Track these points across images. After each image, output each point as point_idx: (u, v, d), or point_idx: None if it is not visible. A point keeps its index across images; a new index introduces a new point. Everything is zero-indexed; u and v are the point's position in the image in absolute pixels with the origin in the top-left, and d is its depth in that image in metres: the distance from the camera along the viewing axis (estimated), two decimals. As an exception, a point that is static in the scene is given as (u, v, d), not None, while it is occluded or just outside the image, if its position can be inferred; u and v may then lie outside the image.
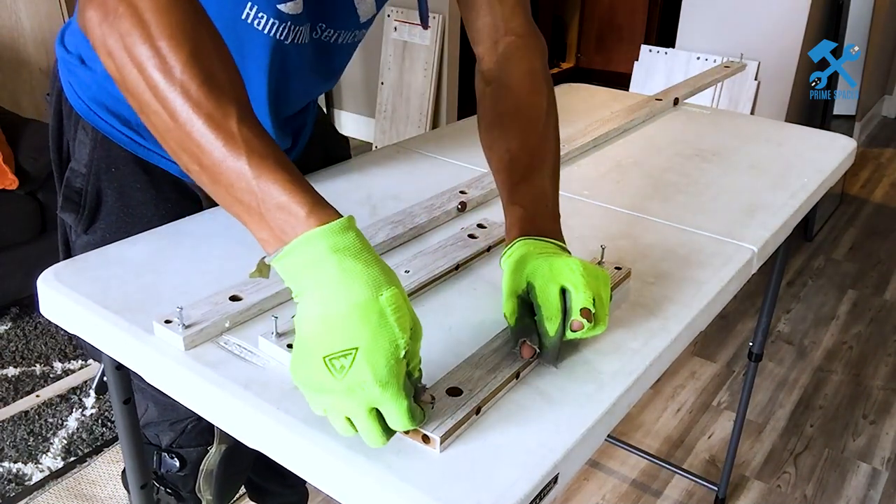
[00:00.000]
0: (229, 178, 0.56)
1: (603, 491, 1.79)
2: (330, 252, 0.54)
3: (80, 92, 0.90)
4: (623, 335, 0.73)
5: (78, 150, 0.92)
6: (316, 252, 0.54)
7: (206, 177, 0.58)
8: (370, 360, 0.52)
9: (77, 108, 0.91)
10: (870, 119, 4.39)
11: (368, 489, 0.55)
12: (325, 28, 0.89)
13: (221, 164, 0.56)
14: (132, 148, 0.91)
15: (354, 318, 0.52)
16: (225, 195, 0.57)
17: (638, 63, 3.16)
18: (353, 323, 0.52)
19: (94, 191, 0.93)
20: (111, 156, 0.91)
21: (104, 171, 0.92)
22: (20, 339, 2.24)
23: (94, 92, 0.89)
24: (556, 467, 0.57)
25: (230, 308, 0.71)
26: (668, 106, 1.45)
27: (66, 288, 0.77)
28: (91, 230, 0.94)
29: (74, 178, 0.93)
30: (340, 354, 0.52)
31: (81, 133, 0.91)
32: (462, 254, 0.84)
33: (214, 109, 0.56)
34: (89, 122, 0.90)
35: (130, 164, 0.92)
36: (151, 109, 0.57)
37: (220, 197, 0.58)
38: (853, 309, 2.62)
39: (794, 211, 1.04)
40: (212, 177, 0.57)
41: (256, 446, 0.63)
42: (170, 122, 0.57)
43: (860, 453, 1.94)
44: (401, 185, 1.06)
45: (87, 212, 0.93)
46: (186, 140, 0.57)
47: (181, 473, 1.10)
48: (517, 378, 0.65)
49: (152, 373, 0.69)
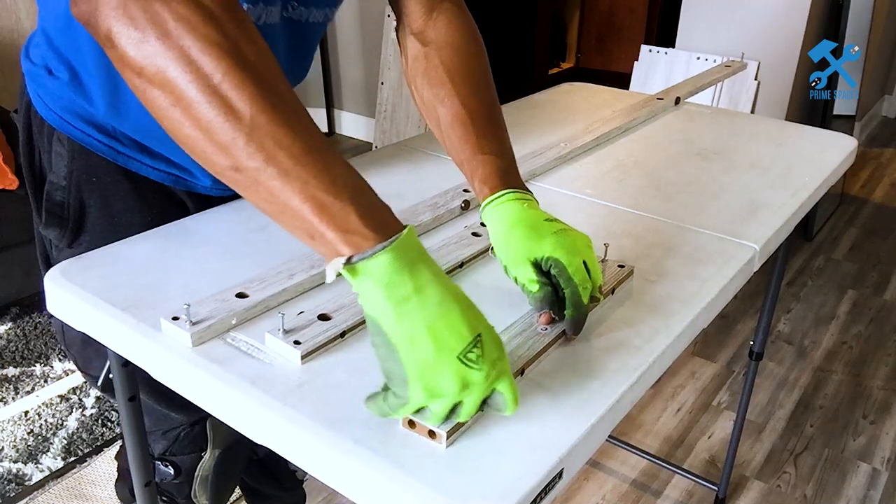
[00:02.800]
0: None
1: (603, 491, 1.79)
2: (420, 254, 0.55)
3: (51, 103, 0.87)
4: (626, 332, 0.73)
5: (55, 163, 0.89)
6: (410, 255, 0.54)
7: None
8: (494, 338, 0.56)
9: (49, 119, 0.88)
10: (870, 119, 4.40)
11: (375, 484, 0.56)
12: (297, 6, 0.86)
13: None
14: (111, 156, 0.89)
15: (467, 310, 0.55)
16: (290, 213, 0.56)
17: (638, 63, 3.16)
18: (469, 314, 0.55)
19: (77, 203, 0.90)
20: (90, 165, 0.89)
21: (85, 181, 0.89)
22: (20, 339, 2.24)
23: (64, 102, 0.86)
24: (560, 462, 0.57)
25: (237, 305, 0.71)
26: (669, 105, 1.45)
27: (74, 285, 0.77)
28: (76, 244, 0.92)
29: (54, 191, 0.90)
30: (472, 346, 0.54)
31: (57, 145, 0.88)
32: (466, 252, 0.85)
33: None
34: (64, 133, 0.87)
35: (111, 172, 0.90)
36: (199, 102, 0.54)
37: (279, 208, 0.56)
38: (853, 309, 2.62)
39: (796, 209, 1.05)
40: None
41: (263, 442, 0.63)
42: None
43: (860, 453, 1.95)
44: (404, 184, 1.06)
45: (71, 224, 0.91)
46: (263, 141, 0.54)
47: (176, 481, 1.09)
48: (521, 374, 0.66)
49: (160, 369, 0.70)
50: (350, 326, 0.70)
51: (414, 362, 0.54)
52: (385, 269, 0.53)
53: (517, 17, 4.75)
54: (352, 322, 0.70)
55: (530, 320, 0.72)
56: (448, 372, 0.54)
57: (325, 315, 0.71)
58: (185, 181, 0.94)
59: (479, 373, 0.54)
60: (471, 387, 0.54)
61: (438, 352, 0.53)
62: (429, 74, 0.85)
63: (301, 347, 0.66)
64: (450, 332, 0.54)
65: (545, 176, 1.11)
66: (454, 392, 0.54)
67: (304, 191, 0.54)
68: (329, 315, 0.71)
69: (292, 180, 0.54)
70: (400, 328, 0.53)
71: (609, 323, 0.75)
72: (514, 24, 4.77)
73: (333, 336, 0.69)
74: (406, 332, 0.53)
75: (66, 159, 0.89)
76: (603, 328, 0.74)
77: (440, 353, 0.53)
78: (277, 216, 0.57)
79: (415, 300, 0.53)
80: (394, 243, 0.53)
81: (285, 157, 0.54)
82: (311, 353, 0.67)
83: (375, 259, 0.53)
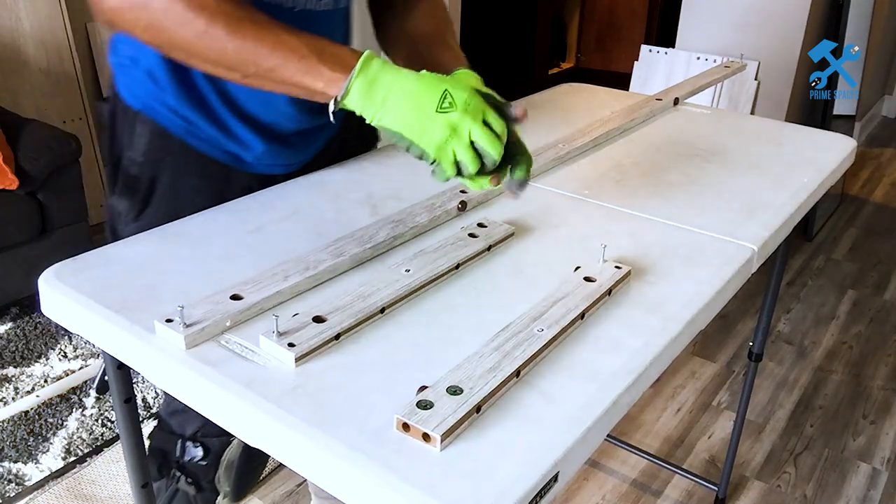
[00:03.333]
0: (284, 53, 0.77)
1: (603, 491, 1.79)
2: (381, 68, 0.77)
3: (135, 90, 0.98)
4: (623, 334, 0.73)
5: (136, 142, 1.00)
6: (376, 64, 0.77)
7: (262, 61, 0.77)
8: (459, 86, 0.76)
9: (133, 105, 0.98)
10: (870, 119, 4.39)
11: (369, 487, 0.55)
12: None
13: (277, 46, 0.77)
14: (187, 138, 0.98)
15: (429, 80, 0.76)
16: (281, 70, 0.78)
17: (638, 63, 3.16)
18: (428, 82, 0.76)
19: (149, 178, 0.99)
20: (165, 146, 0.98)
21: (159, 159, 0.99)
22: (20, 339, 2.24)
23: (146, 88, 0.97)
24: (556, 466, 0.57)
25: (231, 307, 0.71)
26: (668, 106, 1.45)
27: (68, 287, 0.77)
28: (142, 216, 1.00)
29: (131, 166, 1.00)
30: (441, 99, 0.75)
31: (140, 126, 0.99)
32: (462, 253, 0.84)
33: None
34: (147, 116, 0.98)
35: (183, 153, 0.99)
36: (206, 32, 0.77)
37: (275, 74, 0.78)
38: (853, 309, 2.62)
39: (795, 210, 1.04)
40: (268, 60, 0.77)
41: (258, 445, 0.63)
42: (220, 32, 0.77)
43: (860, 453, 1.94)
44: (401, 184, 1.06)
45: (140, 196, 1.00)
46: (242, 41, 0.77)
47: (203, 463, 1.11)
48: (517, 377, 0.65)
49: (153, 372, 0.69)
50: (345, 329, 0.70)
51: (415, 134, 0.76)
52: (358, 93, 0.76)
53: (517, 17, 4.74)
54: (346, 324, 0.70)
55: (526, 322, 0.72)
56: (436, 124, 0.75)
57: (319, 317, 0.71)
58: (248, 163, 1.02)
59: (455, 112, 0.75)
60: (457, 126, 0.75)
61: (420, 116, 0.75)
62: (391, 31, 1.08)
63: (295, 350, 0.66)
64: (422, 100, 0.75)
65: (544, 176, 1.11)
66: (446, 135, 0.75)
67: (290, 70, 0.77)
68: (324, 317, 0.71)
69: (278, 68, 0.77)
70: (394, 120, 0.76)
71: (606, 324, 0.75)
72: (514, 24, 4.76)
73: (328, 338, 0.68)
74: (399, 120, 0.76)
75: (145, 139, 0.98)
76: (600, 329, 0.74)
77: (422, 116, 0.75)
78: (289, 93, 0.81)
79: (390, 99, 0.76)
80: (355, 74, 0.75)
81: (264, 52, 0.77)
82: (306, 355, 0.67)
83: (350, 92, 0.76)
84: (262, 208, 0.96)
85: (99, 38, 2.95)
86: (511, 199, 0.94)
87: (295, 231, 0.90)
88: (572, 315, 0.73)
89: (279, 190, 1.02)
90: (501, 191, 0.85)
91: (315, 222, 0.93)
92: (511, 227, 0.92)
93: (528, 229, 0.94)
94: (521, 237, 0.92)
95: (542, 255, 0.88)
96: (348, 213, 0.96)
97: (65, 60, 2.80)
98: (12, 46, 2.67)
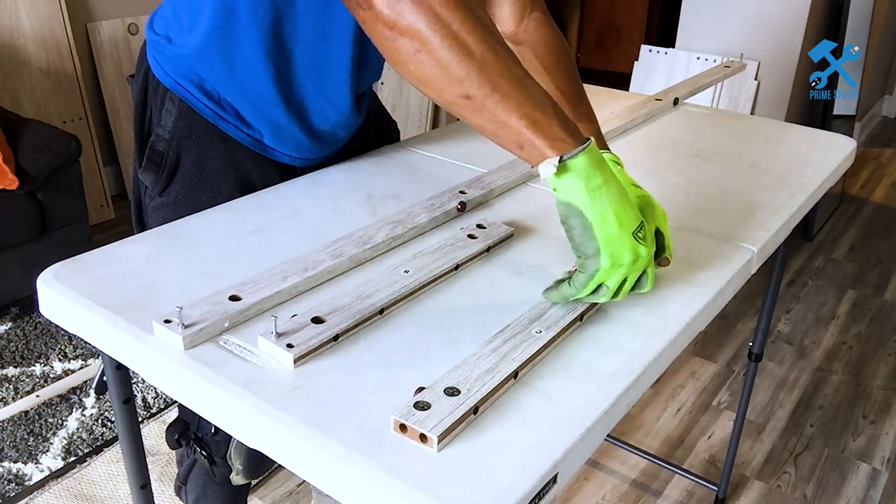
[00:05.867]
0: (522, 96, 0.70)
1: (603, 491, 1.79)
2: (601, 156, 0.71)
3: (168, 68, 0.99)
4: (622, 335, 0.73)
5: (164, 119, 1.01)
6: (596, 156, 0.70)
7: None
8: (650, 230, 0.75)
9: (165, 82, 1.00)
10: (870, 119, 4.39)
11: (367, 488, 0.55)
12: None
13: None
14: (213, 119, 1.00)
15: (632, 201, 0.72)
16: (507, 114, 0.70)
17: (638, 63, 3.16)
18: (633, 204, 0.72)
19: (175, 155, 1.01)
20: (193, 125, 1.00)
21: (185, 137, 1.01)
22: (20, 339, 2.24)
23: (180, 68, 0.98)
24: (555, 467, 0.57)
25: (229, 308, 0.71)
26: (668, 106, 1.45)
27: (66, 287, 0.77)
28: (166, 192, 1.03)
29: (158, 142, 1.02)
30: (640, 227, 0.71)
31: (168, 104, 1.01)
32: (462, 254, 0.84)
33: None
34: (177, 94, 0.99)
35: (209, 134, 1.00)
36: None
37: (499, 109, 0.70)
38: (853, 309, 2.62)
39: (794, 211, 1.04)
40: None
41: (256, 446, 0.63)
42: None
43: (860, 453, 1.94)
44: (401, 185, 1.06)
45: (165, 173, 1.02)
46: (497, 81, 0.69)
47: (216, 437, 1.12)
48: (515, 378, 0.65)
49: (152, 373, 0.69)
50: (343, 330, 0.70)
51: (604, 235, 0.70)
52: (584, 165, 0.69)
53: (517, 16, 4.73)
54: (345, 325, 0.70)
55: (525, 323, 0.72)
56: (627, 244, 0.70)
57: (318, 318, 0.70)
58: (273, 150, 1.04)
59: (646, 248, 0.71)
60: (638, 260, 0.71)
61: (621, 228, 0.70)
62: (525, 66, 0.95)
63: (294, 351, 0.66)
64: (627, 214, 0.70)
65: (542, 177, 1.11)
66: (629, 262, 0.71)
67: (519, 110, 0.69)
68: (322, 318, 0.71)
69: (511, 103, 0.69)
70: (594, 210, 0.69)
71: (605, 325, 0.75)
72: (515, 24, 4.75)
73: (327, 339, 0.68)
74: (598, 212, 0.69)
75: (173, 116, 1.00)
76: (599, 330, 0.74)
77: (622, 229, 0.70)
78: (495, 132, 0.71)
79: (604, 189, 0.69)
80: (588, 146, 0.69)
81: (506, 85, 0.68)
82: (304, 356, 0.66)
83: (578, 158, 0.68)
84: (262, 208, 0.96)
85: (99, 38, 2.95)
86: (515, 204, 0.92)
87: (294, 232, 0.90)
88: (571, 316, 0.73)
89: (278, 190, 1.02)
90: (500, 191, 0.84)
91: (314, 223, 0.93)
92: (510, 228, 0.92)
93: (528, 230, 0.94)
94: (520, 238, 0.92)
95: (542, 255, 0.88)
96: (347, 213, 0.96)
97: (65, 60, 2.80)
98: (12, 46, 2.67)
